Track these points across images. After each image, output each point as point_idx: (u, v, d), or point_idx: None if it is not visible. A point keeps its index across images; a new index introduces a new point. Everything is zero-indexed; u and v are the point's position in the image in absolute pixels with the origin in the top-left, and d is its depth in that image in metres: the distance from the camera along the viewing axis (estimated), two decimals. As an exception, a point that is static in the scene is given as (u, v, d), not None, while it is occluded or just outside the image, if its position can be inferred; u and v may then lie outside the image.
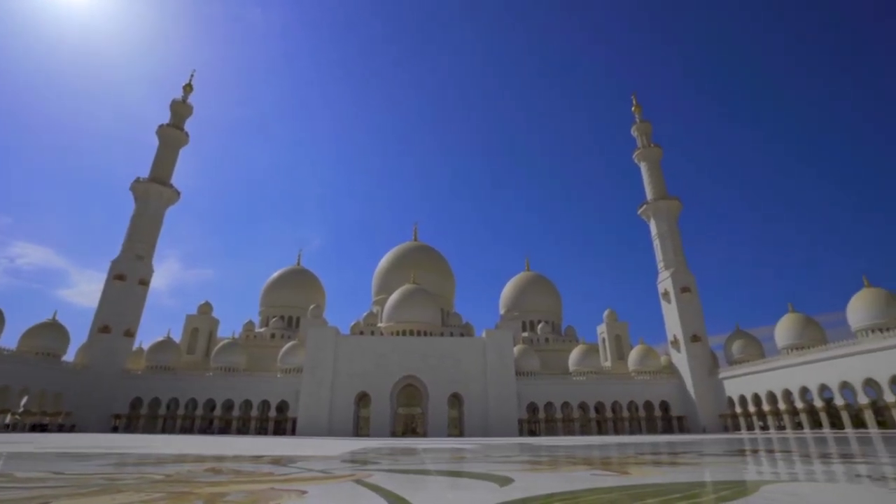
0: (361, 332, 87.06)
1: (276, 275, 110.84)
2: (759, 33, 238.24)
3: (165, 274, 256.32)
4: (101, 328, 72.97)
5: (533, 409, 76.34)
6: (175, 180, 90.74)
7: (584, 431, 75.43)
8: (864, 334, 55.82)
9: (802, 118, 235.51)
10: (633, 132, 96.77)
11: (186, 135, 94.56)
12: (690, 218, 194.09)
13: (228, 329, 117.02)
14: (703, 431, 69.26)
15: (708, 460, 7.96)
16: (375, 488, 4.64)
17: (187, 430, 72.45)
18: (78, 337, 74.88)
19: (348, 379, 72.89)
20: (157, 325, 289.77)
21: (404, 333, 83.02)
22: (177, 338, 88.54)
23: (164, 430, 71.69)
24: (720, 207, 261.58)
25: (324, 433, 68.02)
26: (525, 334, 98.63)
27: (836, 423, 55.71)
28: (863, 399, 51.43)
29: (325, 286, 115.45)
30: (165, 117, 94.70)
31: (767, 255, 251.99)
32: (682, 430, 73.36)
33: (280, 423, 75.41)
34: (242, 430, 74.35)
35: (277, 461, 9.01)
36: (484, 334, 79.24)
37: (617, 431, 74.20)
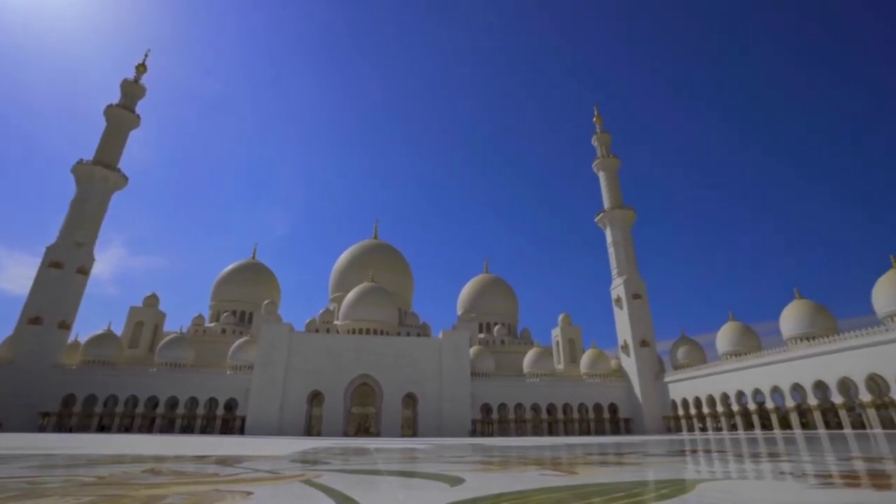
0: (317, 330, 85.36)
1: (229, 268, 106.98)
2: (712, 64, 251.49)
3: (109, 260, 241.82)
4: (32, 319, 67.92)
5: (487, 409, 77.25)
6: (126, 160, 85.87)
7: (536, 432, 77.04)
8: (794, 342, 59.93)
9: (746, 143, 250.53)
10: (594, 142, 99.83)
11: (138, 117, 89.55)
12: (644, 227, 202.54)
13: (175, 323, 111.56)
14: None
15: (651, 460, 8.31)
16: (324, 489, 4.56)
17: (126, 429, 68.62)
18: (4, 327, 69.51)
19: (301, 377, 71.28)
20: (98, 316, 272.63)
21: (361, 332, 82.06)
22: (119, 331, 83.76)
23: (100, 430, 67.56)
24: (672, 219, 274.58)
25: (274, 432, 66.22)
26: (482, 335, 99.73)
27: (767, 425, 59.56)
28: (790, 402, 55.25)
29: (280, 282, 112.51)
30: (116, 96, 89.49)
31: (712, 267, 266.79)
32: (628, 432, 76.27)
33: (228, 421, 72.73)
34: (187, 429, 71.16)
35: (223, 461, 8.68)
36: (441, 335, 79.51)
37: (567, 433, 76.23)
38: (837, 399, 49.78)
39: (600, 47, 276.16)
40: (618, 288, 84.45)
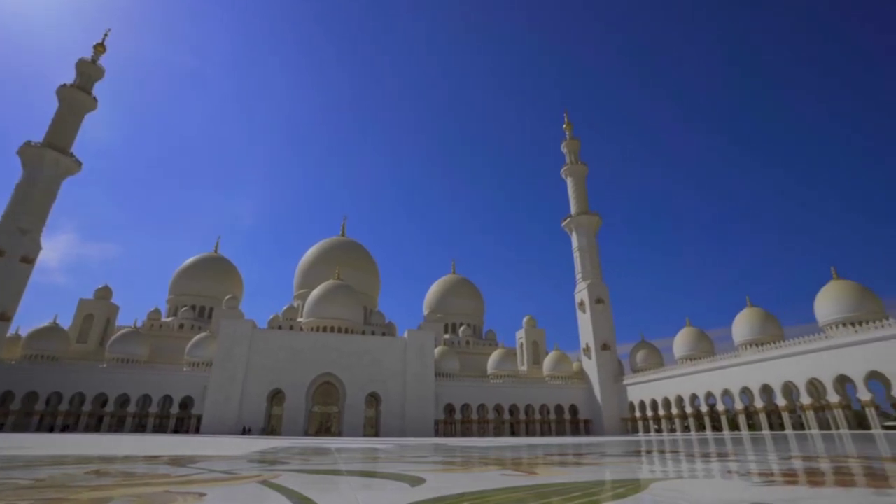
0: (280, 327, 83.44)
1: (190, 261, 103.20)
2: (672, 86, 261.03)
3: (58, 247, 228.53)
4: (-32, 310, 63.45)
5: (450, 410, 77.46)
6: (81, 142, 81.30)
7: (498, 433, 77.84)
8: (744, 348, 62.87)
9: (704, 162, 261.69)
10: (563, 148, 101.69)
11: (94, 99, 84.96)
12: (609, 233, 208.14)
13: (129, 317, 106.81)
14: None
15: (608, 461, 8.53)
16: (282, 489, 4.45)
17: (67, 427, 65.03)
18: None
19: (262, 375, 69.54)
20: (45, 308, 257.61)
21: (325, 330, 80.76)
22: (67, 324, 79.35)
23: (39, 429, 63.77)
24: (636, 227, 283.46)
25: (231, 432, 64.31)
26: (447, 336, 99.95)
27: (717, 426, 62.23)
28: (739, 405, 57.97)
29: (243, 277, 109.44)
30: (71, 76, 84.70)
31: (672, 274, 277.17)
32: (587, 433, 78.09)
33: (182, 420, 70.12)
34: (138, 429, 68.15)
35: (176, 461, 8.35)
36: (406, 334, 79.25)
37: (529, 433, 77.36)
38: (781, 402, 52.59)
39: (575, 54, 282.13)
40: (581, 292, 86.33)
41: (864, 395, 44.98)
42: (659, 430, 70.73)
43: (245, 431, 64.99)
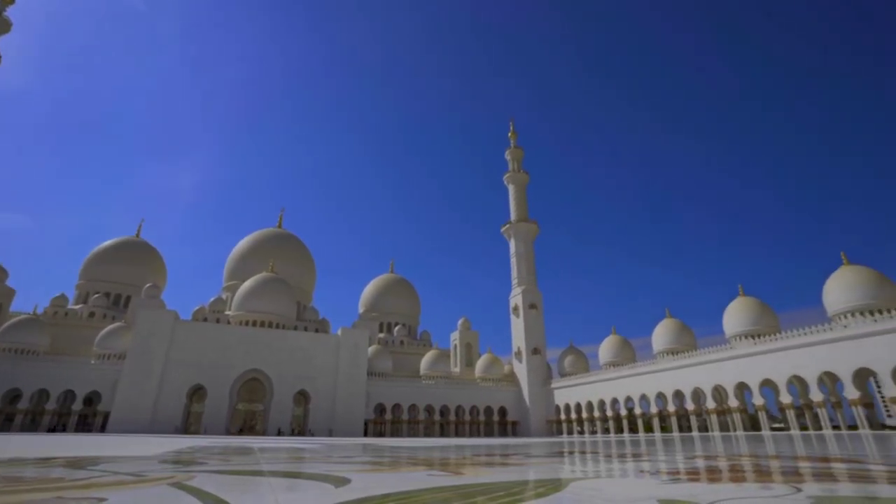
0: (205, 319, 78.76)
1: (107, 244, 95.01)
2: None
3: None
4: None
5: (381, 409, 76.79)
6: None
7: (428, 433, 78.20)
8: (663, 356, 67.64)
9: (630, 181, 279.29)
10: (507, 156, 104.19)
11: (7, 22, 69.83)
12: (546, 241, 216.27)
13: (29, 302, 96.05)
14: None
15: (532, 461, 8.82)
16: (196, 492, 4.19)
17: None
18: None
19: (183, 369, 65.35)
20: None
21: (255, 324, 77.27)
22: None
23: None
24: (571, 237, 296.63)
25: (144, 430, 59.80)
26: (381, 335, 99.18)
27: (634, 429, 66.42)
28: (654, 409, 62.27)
29: (168, 265, 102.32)
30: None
31: (603, 284, 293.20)
32: (515, 434, 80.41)
33: (86, 417, 64.25)
34: (30, 427, 61.53)
35: (75, 463, 7.61)
36: (340, 332, 77.75)
37: (458, 434, 78.38)
38: (690, 406, 57.15)
39: (528, 63, 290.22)
40: (516, 297, 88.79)
41: (758, 400, 49.98)
42: (582, 432, 74.29)
43: (176, 431, 61.03)
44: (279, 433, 65.89)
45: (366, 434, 71.89)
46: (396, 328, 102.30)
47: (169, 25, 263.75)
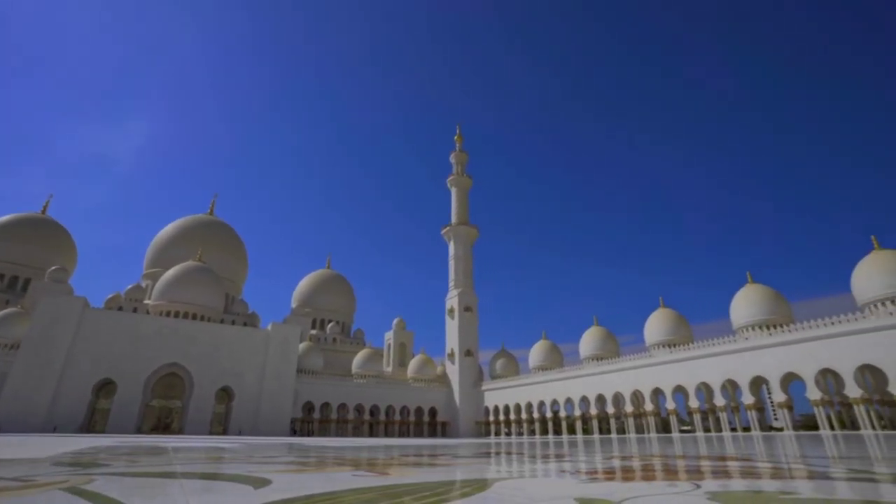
0: (120, 308, 72.70)
1: (5, 219, 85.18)
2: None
3: None
4: None
5: (309, 408, 74.57)
6: None
7: (357, 433, 76.98)
8: (588, 362, 71.12)
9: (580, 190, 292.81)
10: (452, 159, 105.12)
11: None
12: (485, 245, 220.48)
13: None
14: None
15: (459, 461, 8.93)
16: (94, 497, 3.82)
17: None
18: None
19: (90, 362, 59.89)
20: None
21: (178, 315, 72.38)
22: None
23: None
24: (508, 243, 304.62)
25: (38, 430, 54.02)
26: (314, 332, 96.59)
27: (558, 430, 69.26)
28: (577, 412, 65.30)
29: (78, 248, 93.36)
30: None
31: (535, 290, 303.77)
32: (444, 435, 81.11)
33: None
34: None
35: (-54, 464, 6.70)
36: (270, 327, 74.84)
37: (388, 434, 77.81)
38: (611, 409, 60.57)
39: (475, 66, 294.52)
40: (452, 299, 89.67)
41: (670, 404, 53.92)
42: (509, 434, 76.33)
43: (78, 430, 55.82)
44: (240, 433, 63.18)
45: (292, 434, 69.48)
46: (330, 325, 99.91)
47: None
